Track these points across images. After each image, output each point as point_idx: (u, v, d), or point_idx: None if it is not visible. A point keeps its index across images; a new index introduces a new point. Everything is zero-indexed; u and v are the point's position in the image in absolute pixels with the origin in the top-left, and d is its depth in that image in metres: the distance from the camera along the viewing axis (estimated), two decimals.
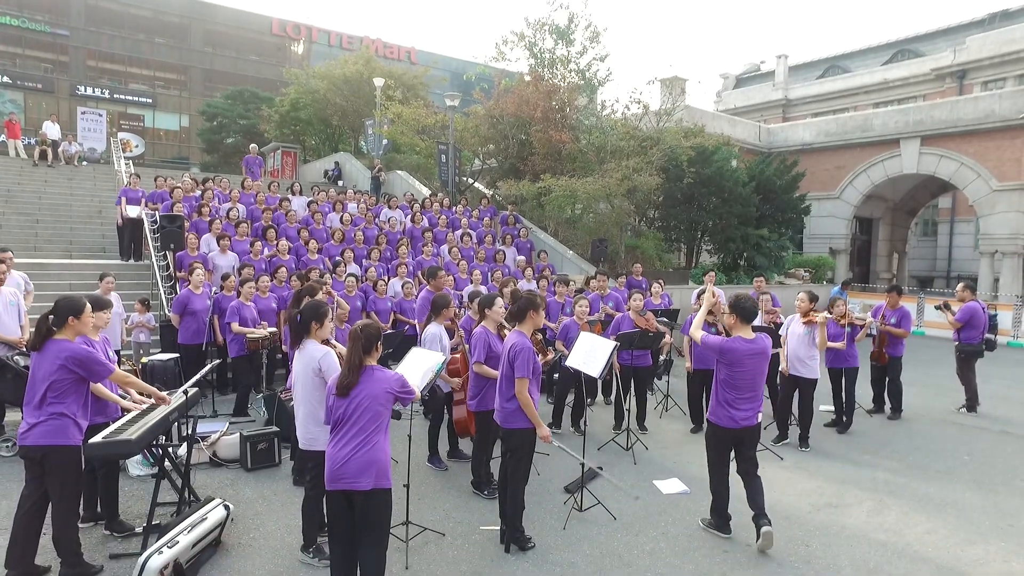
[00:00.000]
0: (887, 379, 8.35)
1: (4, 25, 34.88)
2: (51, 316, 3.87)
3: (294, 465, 5.62)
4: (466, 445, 6.22)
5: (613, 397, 7.80)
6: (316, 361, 3.92)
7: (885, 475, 6.15)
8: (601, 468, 6.00)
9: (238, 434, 5.99)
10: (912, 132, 20.17)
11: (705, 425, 4.97)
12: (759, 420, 4.64)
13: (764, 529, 4.44)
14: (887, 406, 8.41)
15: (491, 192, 17.74)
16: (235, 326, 7.49)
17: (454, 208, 14.68)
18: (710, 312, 6.31)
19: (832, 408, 7.81)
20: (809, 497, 5.55)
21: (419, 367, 4.20)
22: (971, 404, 8.79)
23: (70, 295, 4.06)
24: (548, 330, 8.67)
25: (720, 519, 4.77)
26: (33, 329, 6.05)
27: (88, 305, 3.98)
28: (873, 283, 22.91)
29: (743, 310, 4.53)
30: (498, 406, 4.50)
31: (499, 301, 5.22)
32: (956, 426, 8.05)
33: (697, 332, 4.88)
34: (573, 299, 8.13)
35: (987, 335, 8.68)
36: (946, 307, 8.76)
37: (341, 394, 3.43)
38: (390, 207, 13.68)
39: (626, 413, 7.06)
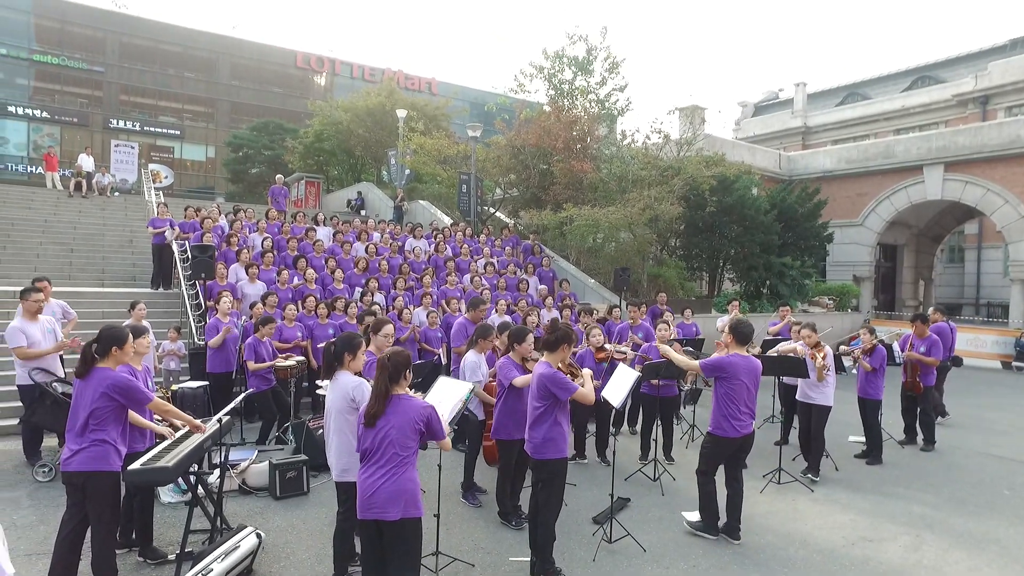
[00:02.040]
0: (918, 409, 8.20)
1: (46, 64, 36.34)
2: (95, 344, 3.97)
3: None
4: (480, 479, 6.18)
5: (639, 427, 7.74)
6: (349, 392, 3.95)
7: (921, 508, 6.00)
8: (629, 500, 5.95)
9: (267, 462, 6.04)
10: (935, 158, 20.02)
11: (704, 438, 5.29)
12: (753, 428, 5.15)
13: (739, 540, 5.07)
14: (919, 437, 8.24)
15: (512, 221, 17.87)
16: (251, 364, 7.36)
17: (477, 237, 14.81)
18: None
19: (863, 439, 7.68)
20: (843, 531, 5.43)
21: (448, 397, 4.18)
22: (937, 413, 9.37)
23: (113, 325, 4.15)
24: None
25: (712, 518, 5.16)
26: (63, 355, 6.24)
27: (130, 335, 4.09)
28: (899, 311, 22.55)
29: (740, 333, 5.13)
30: (528, 437, 4.49)
31: (531, 337, 5.15)
32: (994, 459, 7.84)
33: (691, 362, 5.54)
34: (584, 329, 8.14)
35: (953, 354, 9.70)
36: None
37: (368, 424, 3.47)
38: (415, 237, 13.83)
39: (652, 443, 7.00)
